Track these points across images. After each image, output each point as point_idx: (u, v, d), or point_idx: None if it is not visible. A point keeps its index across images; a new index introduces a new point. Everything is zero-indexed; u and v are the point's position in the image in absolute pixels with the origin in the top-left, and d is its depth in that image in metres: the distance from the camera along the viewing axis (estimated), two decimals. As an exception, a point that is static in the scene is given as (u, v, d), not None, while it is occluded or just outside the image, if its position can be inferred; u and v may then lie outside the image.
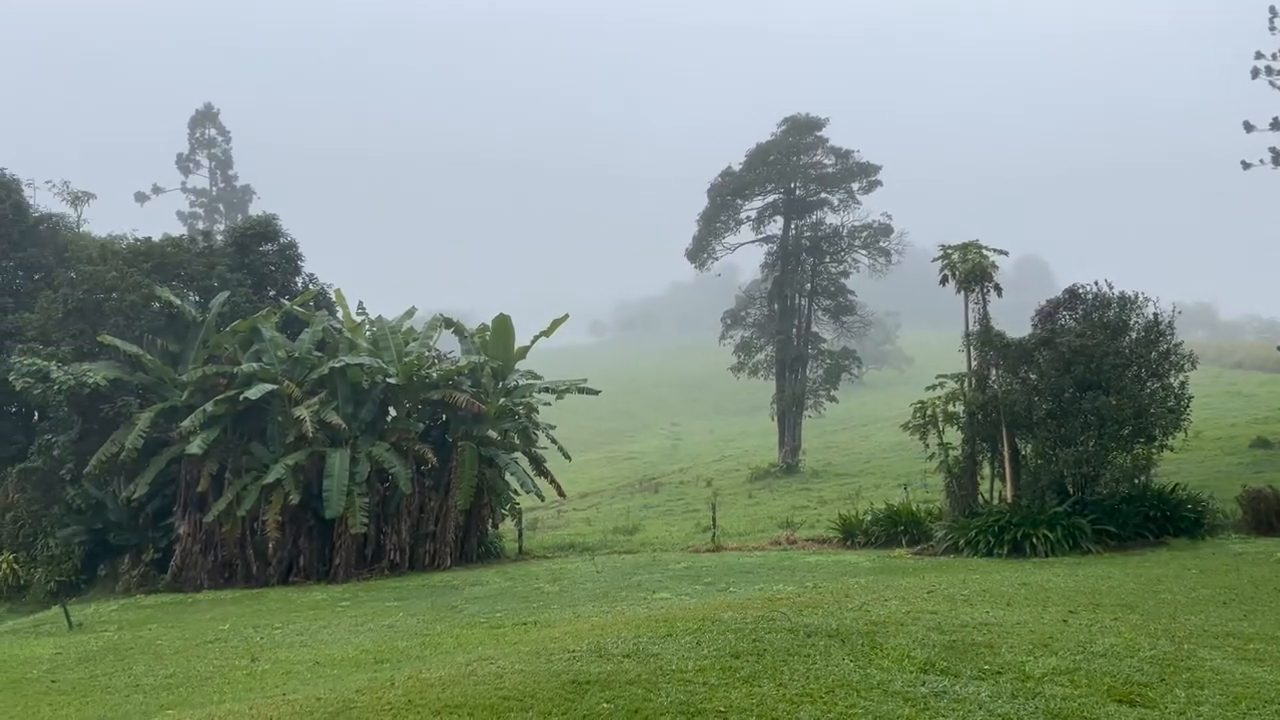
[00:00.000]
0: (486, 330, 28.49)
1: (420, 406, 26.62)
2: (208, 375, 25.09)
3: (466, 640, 13.43)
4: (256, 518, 24.07)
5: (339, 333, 27.15)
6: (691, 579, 18.69)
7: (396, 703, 8.64)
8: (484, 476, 25.92)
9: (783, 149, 48.99)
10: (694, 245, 51.38)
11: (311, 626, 16.20)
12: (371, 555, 24.63)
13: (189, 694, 11.57)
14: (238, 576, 24.20)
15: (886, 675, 8.86)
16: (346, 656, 13.03)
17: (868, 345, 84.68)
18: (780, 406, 49.36)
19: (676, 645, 10.15)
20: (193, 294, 27.94)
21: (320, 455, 24.27)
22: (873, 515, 23.58)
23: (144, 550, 25.00)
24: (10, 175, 31.77)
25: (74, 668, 14.08)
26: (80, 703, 11.57)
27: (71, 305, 26.74)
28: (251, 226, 31.23)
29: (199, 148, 78.66)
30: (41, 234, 31.89)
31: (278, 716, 8.59)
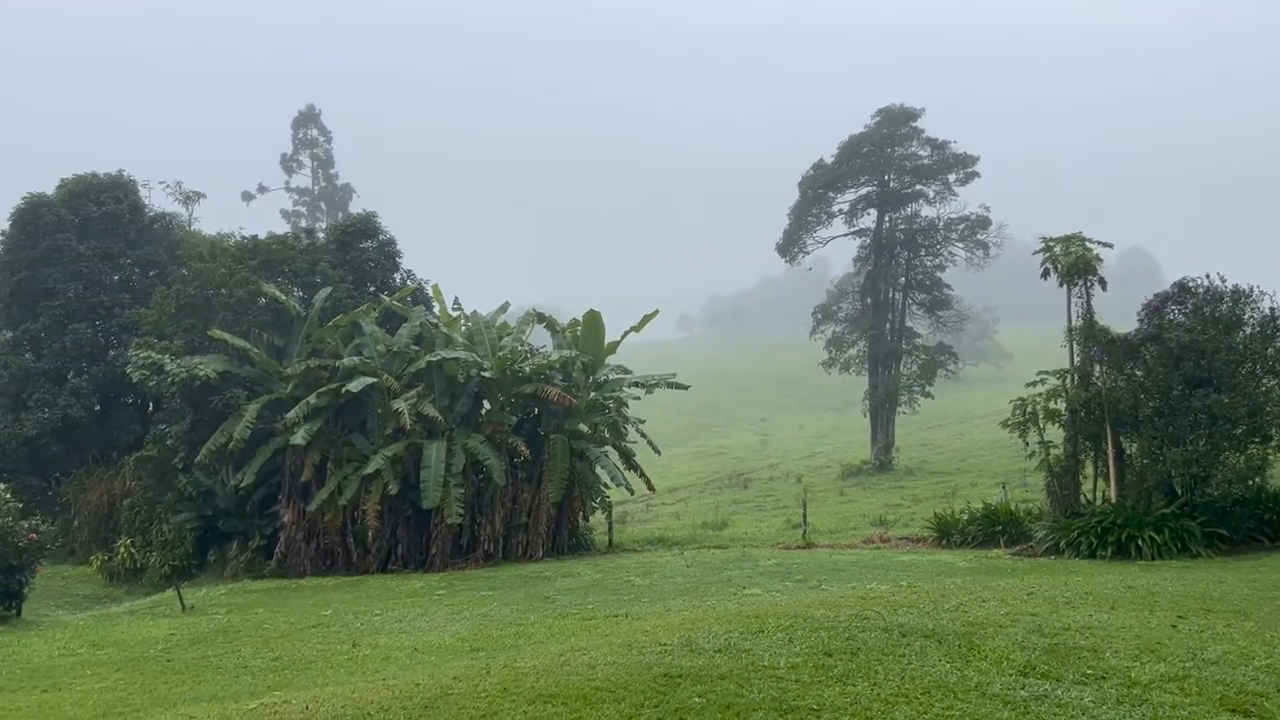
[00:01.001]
0: (578, 325, 28.78)
1: (513, 400, 27.04)
2: (311, 368, 25.92)
3: (559, 631, 13.61)
4: (357, 507, 24.77)
5: (436, 328, 27.74)
6: (782, 576, 18.57)
7: (492, 691, 8.82)
8: (575, 469, 26.20)
9: (876, 140, 48.22)
10: (784, 239, 50.97)
11: (409, 614, 16.62)
12: (466, 545, 25.13)
13: (294, 676, 11.99)
14: (339, 564, 24.97)
15: (985, 677, 8.67)
16: (443, 644, 13.33)
17: (964, 340, 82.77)
18: (873, 403, 48.65)
19: (768, 642, 10.11)
20: (297, 290, 28.87)
21: (418, 447, 24.85)
22: (969, 514, 23.07)
23: (251, 537, 25.99)
24: (128, 177, 33.36)
25: (187, 648, 14.72)
26: (193, 681, 12.09)
27: (184, 301, 27.91)
28: (352, 224, 32.12)
29: (302, 148, 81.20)
30: (156, 232, 33.37)
31: (379, 701, 8.84)
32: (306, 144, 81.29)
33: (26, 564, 19.13)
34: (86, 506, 28.92)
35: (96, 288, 30.98)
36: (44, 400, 29.17)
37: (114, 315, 31.11)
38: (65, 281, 30.42)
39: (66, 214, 31.17)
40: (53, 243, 30.56)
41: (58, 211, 31.12)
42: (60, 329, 30.08)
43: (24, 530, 19.14)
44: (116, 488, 28.43)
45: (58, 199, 31.68)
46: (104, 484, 28.85)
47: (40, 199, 31.52)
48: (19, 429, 28.81)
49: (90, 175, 32.59)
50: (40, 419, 28.83)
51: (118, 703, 10.94)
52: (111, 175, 32.86)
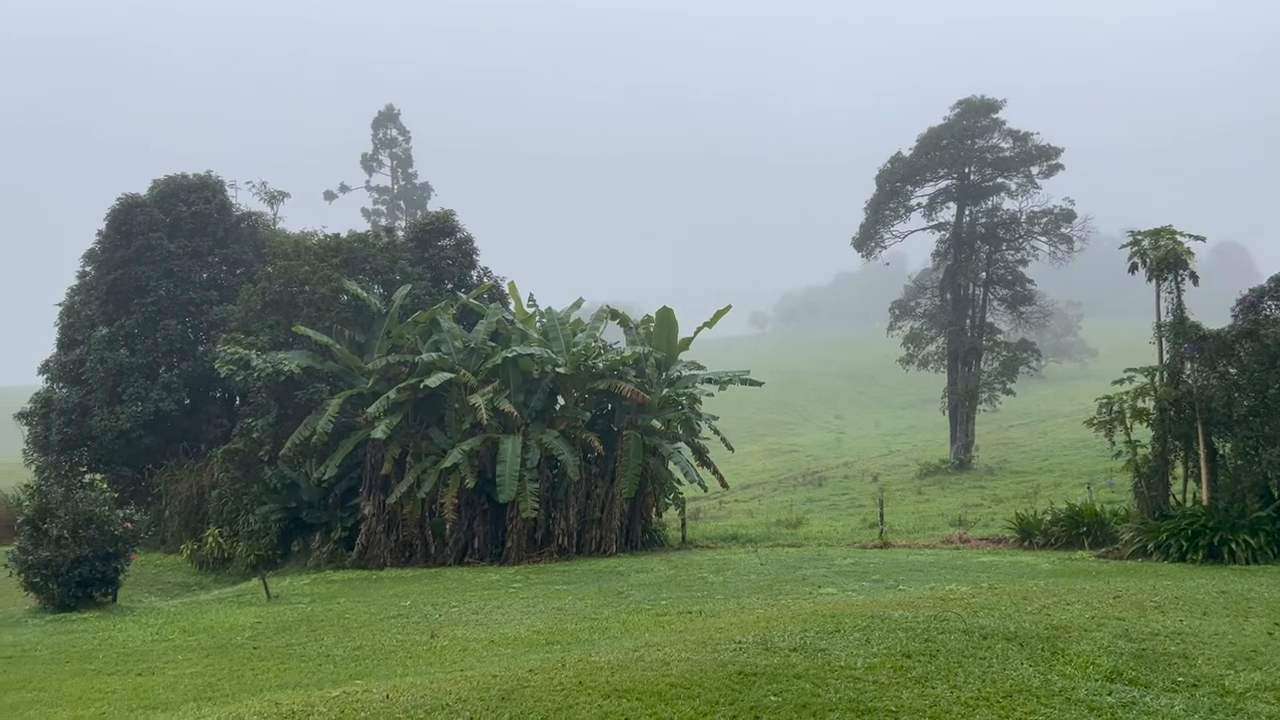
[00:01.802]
0: (650, 322, 28.82)
1: (587, 396, 27.20)
2: (391, 364, 26.43)
3: (633, 626, 13.66)
4: (435, 500, 25.20)
5: (511, 324, 28.05)
6: (858, 575, 18.36)
7: (567, 684, 8.89)
8: (648, 465, 26.26)
9: (956, 132, 47.27)
10: (861, 233, 50.28)
11: (486, 606, 16.84)
12: (541, 539, 25.38)
13: (374, 666, 12.24)
14: (417, 556, 25.42)
15: (1069, 682, 8.46)
16: (519, 636, 13.49)
17: (1047, 337, 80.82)
18: (952, 400, 47.76)
19: (845, 641, 10.01)
20: (377, 287, 29.42)
21: (494, 441, 25.17)
22: (1052, 515, 22.51)
23: (333, 528, 26.63)
24: (216, 177, 34.36)
25: (272, 636, 15.14)
26: (278, 669, 12.43)
27: (269, 298, 28.68)
28: (430, 222, 32.62)
29: (381, 147, 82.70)
30: (243, 231, 34.34)
31: (456, 692, 8.97)
32: (386, 143, 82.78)
33: (122, 552, 19.85)
34: (177, 497, 29.94)
35: (186, 285, 32.00)
36: (137, 394, 30.25)
37: (203, 312, 32.11)
38: (157, 279, 31.48)
39: (158, 214, 32.24)
40: (145, 242, 31.66)
41: (150, 211, 32.22)
42: (152, 325, 31.15)
43: (119, 519, 19.88)
44: (205, 479, 29.36)
45: (150, 199, 32.78)
46: (193, 475, 29.82)
47: (133, 199, 32.67)
48: (114, 422, 29.92)
49: (180, 176, 33.64)
50: (134, 412, 29.91)
51: (208, 688, 11.30)
52: (200, 176, 33.87)
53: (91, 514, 19.36)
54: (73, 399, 31.07)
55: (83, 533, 19.06)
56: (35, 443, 31.94)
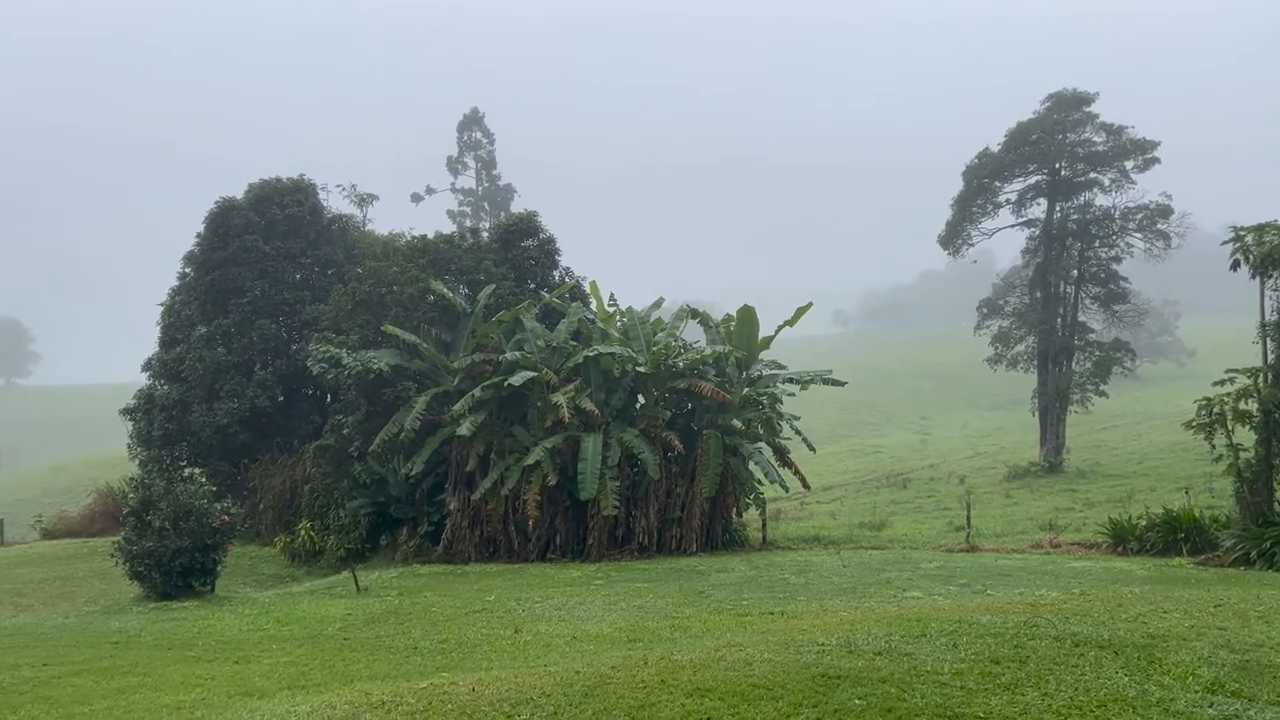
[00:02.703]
0: (731, 320, 28.73)
1: (667, 395, 27.24)
2: (475, 363, 26.86)
3: (714, 626, 13.65)
4: (518, 497, 25.54)
5: (593, 323, 28.25)
6: (944, 579, 18.03)
7: (650, 681, 8.94)
8: (728, 465, 26.18)
9: (1046, 127, 46.00)
10: (947, 231, 49.27)
11: (568, 602, 17.01)
12: (622, 537, 25.52)
13: (460, 659, 12.47)
14: (501, 551, 25.80)
15: (1167, 693, 8.19)
16: (601, 633, 13.59)
17: (1142, 336, 78.21)
18: (1042, 401, 46.53)
19: (931, 646, 9.86)
20: (462, 287, 29.92)
21: (575, 440, 25.39)
22: (1148, 520, 21.78)
23: (419, 523, 27.20)
24: (308, 180, 35.34)
25: (362, 628, 15.54)
26: (368, 660, 12.75)
27: (359, 298, 29.41)
28: (514, 223, 33.04)
29: (466, 150, 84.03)
30: (334, 233, 35.24)
31: (541, 686, 9.10)
32: (471, 146, 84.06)
33: (219, 543, 20.57)
34: (271, 491, 30.90)
35: (280, 286, 32.98)
36: (234, 391, 31.30)
37: (296, 312, 33.05)
38: (252, 280, 32.52)
39: (253, 216, 33.29)
40: (241, 244, 32.73)
41: (246, 214, 33.29)
42: (248, 325, 32.20)
43: (217, 512, 20.61)
44: (298, 474, 30.24)
45: (245, 202, 33.87)
46: (286, 470, 30.74)
47: (230, 202, 33.81)
48: (212, 418, 31.01)
49: (274, 179, 34.67)
50: (231, 409, 30.96)
51: (300, 676, 11.65)
52: (293, 179, 34.85)
53: (191, 507, 20.10)
54: (173, 396, 32.31)
55: (183, 525, 19.81)
56: (139, 438, 33.31)
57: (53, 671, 12.40)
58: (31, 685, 11.61)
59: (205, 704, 10.15)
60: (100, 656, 13.47)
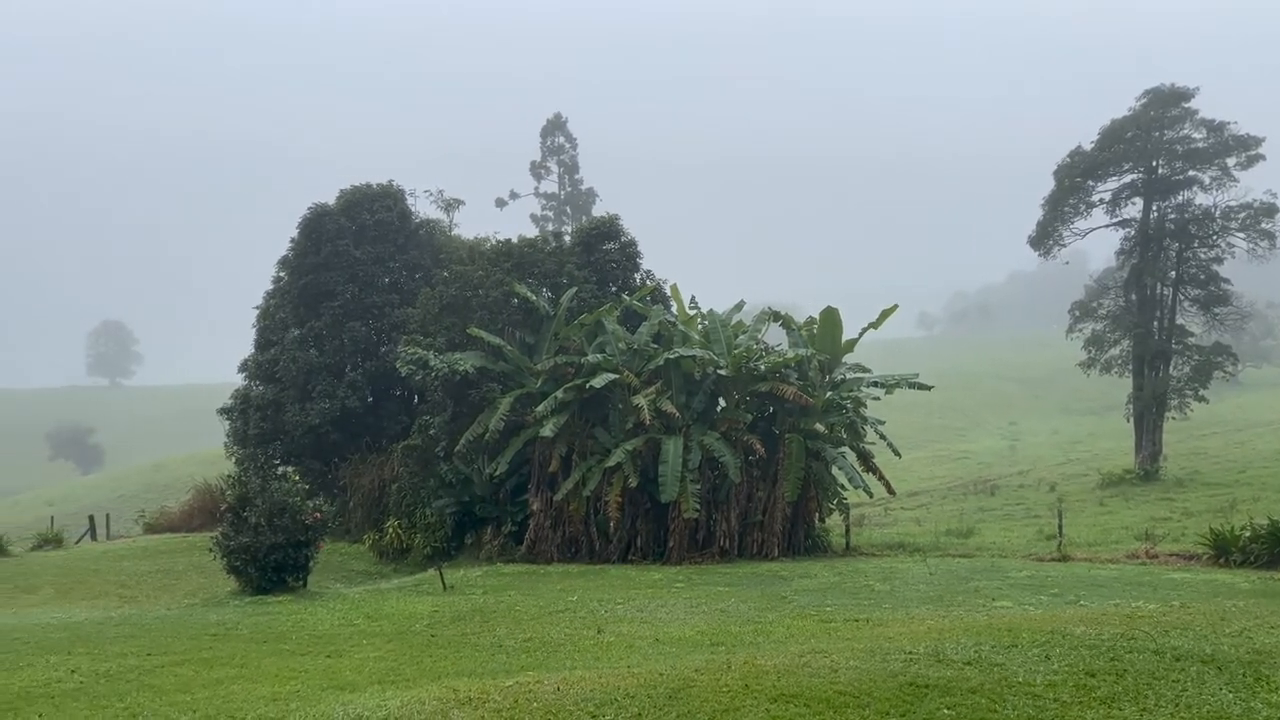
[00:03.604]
0: (814, 323, 28.45)
1: (748, 398, 27.11)
2: (558, 365, 27.13)
3: (798, 631, 13.54)
4: (599, 498, 25.71)
5: (674, 326, 28.28)
6: (1035, 588, 17.57)
7: (733, 686, 8.92)
8: (811, 469, 25.93)
9: (1142, 124, 44.48)
10: (1038, 231, 48.00)
11: (650, 604, 17.05)
12: (702, 540, 25.47)
13: (544, 658, 12.61)
14: (582, 552, 25.99)
15: (1275, 712, 7.86)
16: (683, 636, 13.59)
17: (1244, 340, 75.15)
18: (1137, 407, 45.00)
19: (1022, 656, 9.63)
20: (545, 290, 30.26)
21: (656, 442, 25.45)
22: (1252, 530, 20.86)
23: (503, 523, 27.58)
24: (397, 186, 36.16)
25: (448, 625, 15.81)
26: (454, 656, 12.97)
27: (445, 301, 29.96)
28: (596, 226, 33.29)
29: (549, 155, 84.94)
30: (421, 238, 35.99)
31: (625, 688, 9.15)
32: (553, 151, 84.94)
33: (312, 540, 21.17)
34: (360, 490, 31.68)
35: (370, 289, 33.81)
36: (325, 392, 32.18)
37: (385, 315, 33.83)
38: (343, 284, 33.40)
39: (344, 222, 34.20)
40: (333, 248, 33.65)
41: (337, 220, 34.22)
42: (339, 327, 33.08)
43: (310, 509, 21.21)
44: (386, 473, 30.95)
45: (337, 208, 34.82)
46: (375, 469, 31.48)
47: (323, 208, 34.78)
48: (305, 418, 31.94)
49: (364, 185, 35.56)
50: (322, 409, 31.84)
51: (390, 672, 11.91)
52: (383, 185, 35.71)
53: (285, 504, 20.73)
54: (268, 396, 33.37)
55: (277, 521, 20.43)
56: (235, 436, 34.49)
57: (156, 661, 12.91)
58: (137, 674, 12.11)
59: (299, 696, 10.43)
60: (200, 647, 13.97)
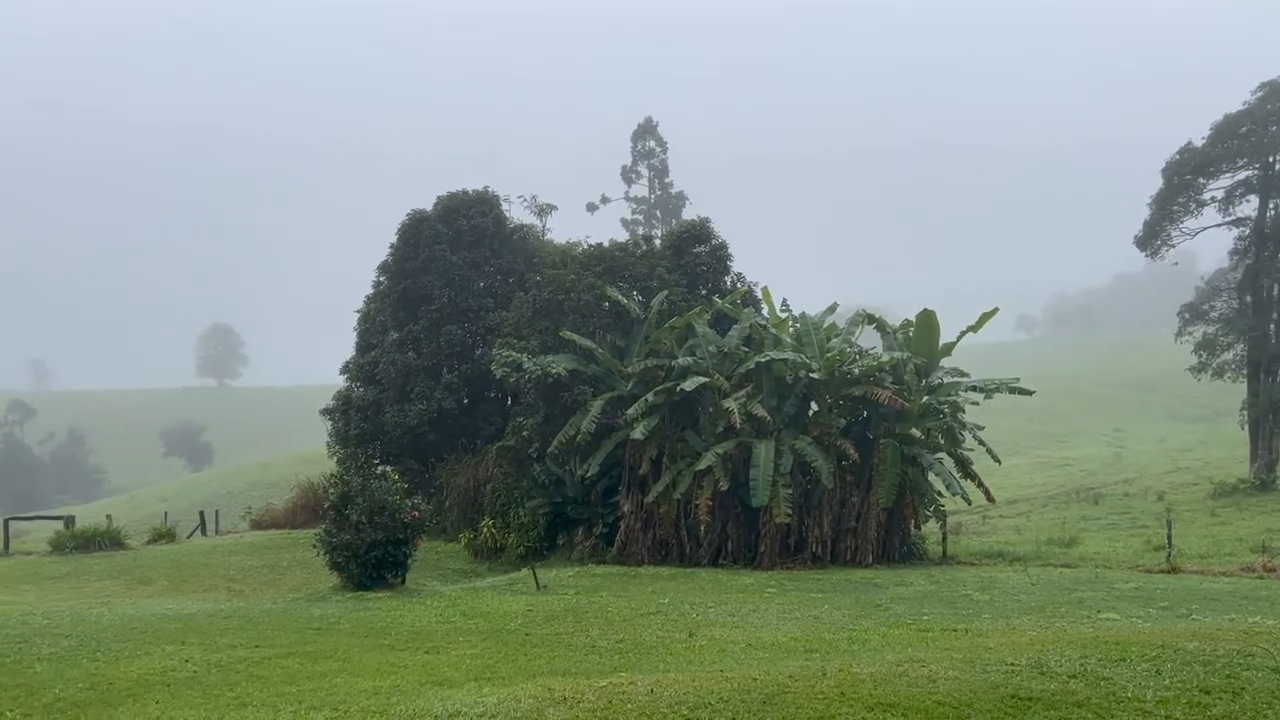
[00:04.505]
0: (910, 326, 27.95)
1: (842, 402, 26.79)
2: (648, 367, 27.24)
3: (894, 639, 13.32)
4: (690, 501, 25.71)
5: (765, 329, 28.13)
6: (1143, 601, 16.94)
7: (829, 693, 8.83)
8: (906, 475, 25.48)
9: (1258, 118, 42.46)
10: (1145, 231, 46.24)
11: (742, 609, 16.98)
12: (794, 546, 25.25)
13: (637, 659, 12.66)
14: (673, 554, 26.03)
15: None
16: (776, 642, 13.50)
17: (1372, 343, 70.80)
18: (1253, 414, 42.94)
19: (1131, 671, 9.30)
20: (636, 293, 30.45)
21: (747, 446, 25.33)
22: (1381, 547, 19.76)
23: (594, 524, 27.82)
24: (492, 192, 36.81)
25: (542, 624, 16.00)
26: (549, 655, 13.13)
27: (538, 305, 30.38)
28: (686, 230, 33.34)
29: (640, 159, 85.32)
30: (515, 243, 36.56)
31: (718, 691, 9.13)
32: (644, 155, 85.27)
33: (410, 538, 21.66)
34: (456, 489, 32.33)
35: (465, 294, 34.49)
36: (423, 393, 32.94)
37: (480, 318, 34.47)
38: (440, 288, 34.15)
39: (441, 228, 34.97)
40: (431, 254, 34.44)
41: (435, 226, 35.01)
42: (436, 330, 33.83)
43: (408, 508, 21.72)
44: (480, 473, 31.52)
45: (434, 214, 35.61)
46: (470, 469, 32.09)
47: (421, 215, 35.63)
48: (403, 419, 32.74)
49: (461, 192, 36.29)
50: (420, 410, 32.59)
51: (486, 669, 12.12)
52: (479, 191, 36.40)
53: (385, 502, 21.26)
54: (368, 397, 34.31)
55: (377, 519, 20.98)
56: (337, 436, 35.55)
57: (264, 653, 13.38)
58: (246, 665, 12.57)
59: (399, 691, 10.69)
60: (305, 641, 14.43)
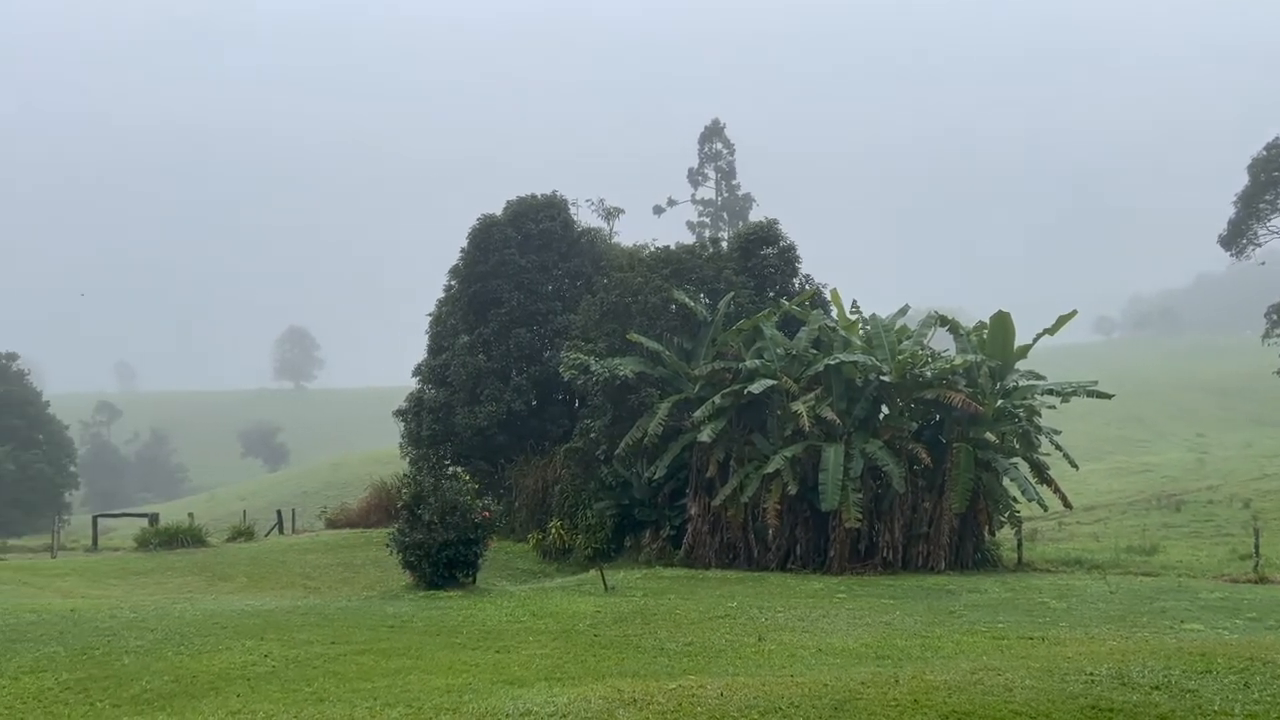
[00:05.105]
0: (984, 328, 27.42)
1: (913, 405, 26.40)
2: (716, 370, 27.17)
3: (968, 647, 13.09)
4: (757, 505, 25.55)
5: (834, 331, 27.86)
6: (1229, 612, 16.38)
7: (902, 700, 8.71)
8: (980, 480, 25.00)
9: (1354, 110, 40.91)
10: (1229, 230, 44.93)
11: (811, 614, 16.83)
12: (865, 551, 24.96)
13: (705, 663, 12.63)
14: (740, 558, 25.91)
15: None
16: (847, 647, 13.36)
17: None
18: (1346, 418, 41.31)
19: (1218, 684, 9.01)
20: (703, 295, 30.41)
21: (816, 449, 25.11)
22: None
23: (661, 527, 27.85)
24: (560, 196, 37.12)
25: (611, 626, 16.05)
26: (618, 657, 13.17)
27: (606, 307, 30.53)
28: (754, 232, 33.21)
29: (707, 161, 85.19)
30: (583, 246, 36.81)
31: (788, 696, 9.07)
32: (711, 157, 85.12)
33: (480, 538, 21.90)
34: (524, 490, 32.65)
35: (534, 297, 34.84)
36: (493, 395, 33.34)
37: (548, 321, 34.78)
38: (510, 291, 34.54)
39: (511, 232, 35.38)
40: (500, 258, 34.86)
41: (504, 230, 35.44)
42: (506, 333, 34.22)
43: (479, 508, 21.97)
44: (549, 475, 31.78)
45: (504, 219, 36.05)
46: (539, 471, 32.38)
47: (491, 220, 36.10)
48: (473, 420, 33.18)
49: (530, 196, 36.69)
50: (490, 412, 33.00)
51: (556, 669, 12.20)
52: (547, 196, 36.75)
53: (456, 502, 21.53)
54: (440, 399, 34.84)
55: (449, 519, 21.25)
56: (409, 437, 36.18)
57: (340, 649, 13.65)
58: (322, 660, 12.84)
59: (471, 689, 10.83)
60: (379, 638, 14.70)
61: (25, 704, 10.11)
